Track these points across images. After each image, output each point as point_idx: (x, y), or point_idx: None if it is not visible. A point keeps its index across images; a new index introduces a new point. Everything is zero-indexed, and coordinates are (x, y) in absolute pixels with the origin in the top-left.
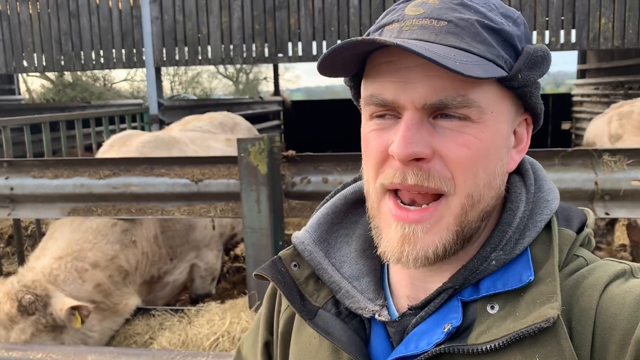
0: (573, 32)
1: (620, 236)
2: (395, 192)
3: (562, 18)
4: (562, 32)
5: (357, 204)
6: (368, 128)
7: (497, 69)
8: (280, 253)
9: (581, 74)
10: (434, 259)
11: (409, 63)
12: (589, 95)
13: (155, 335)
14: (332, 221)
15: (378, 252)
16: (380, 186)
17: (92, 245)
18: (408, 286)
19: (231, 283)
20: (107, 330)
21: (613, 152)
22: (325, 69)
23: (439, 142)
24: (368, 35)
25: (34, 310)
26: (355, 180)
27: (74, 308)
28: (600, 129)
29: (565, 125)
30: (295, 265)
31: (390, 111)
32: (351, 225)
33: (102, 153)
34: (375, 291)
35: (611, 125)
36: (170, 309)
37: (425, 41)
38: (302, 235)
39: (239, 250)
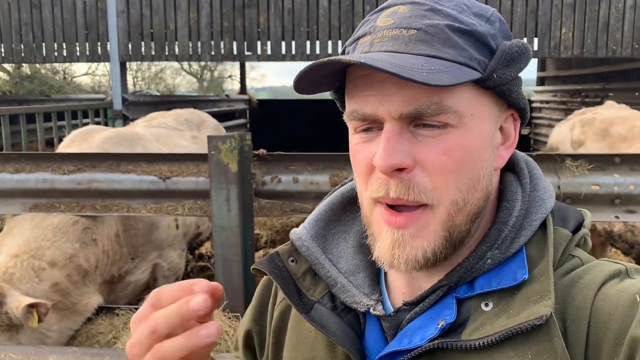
0: (535, 40)
1: None
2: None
3: (525, 27)
4: (524, 40)
5: (354, 201)
6: (354, 141)
7: (470, 72)
8: (278, 248)
9: (540, 81)
10: (424, 263)
11: (382, 75)
12: (547, 102)
13: (119, 334)
14: (329, 218)
15: (373, 258)
16: (369, 197)
17: (51, 243)
18: (405, 284)
19: None
20: (66, 329)
21: (575, 157)
22: (304, 89)
23: (419, 151)
24: (345, 48)
25: None
26: (351, 179)
27: (31, 306)
28: (563, 134)
29: (524, 131)
30: (292, 261)
31: (372, 124)
32: (348, 222)
33: (62, 148)
34: (371, 286)
35: (574, 131)
36: (135, 308)
37: (395, 52)
38: (299, 231)
39: (203, 249)
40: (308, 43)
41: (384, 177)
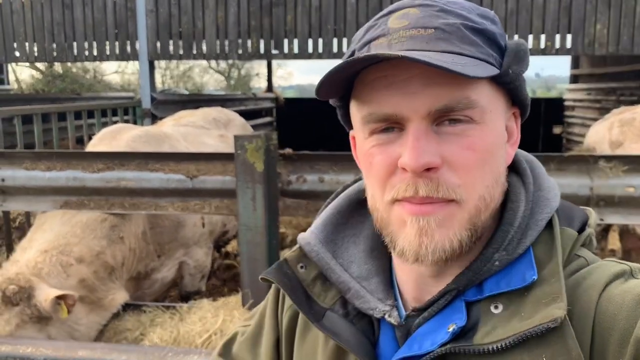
0: (569, 37)
1: (611, 241)
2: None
3: (558, 23)
4: (557, 36)
5: (361, 203)
6: (368, 145)
7: (492, 68)
8: (286, 255)
9: (574, 78)
10: (450, 253)
11: (405, 74)
12: (581, 101)
13: (146, 331)
14: (337, 222)
15: (395, 255)
16: (391, 199)
17: (79, 239)
18: (414, 288)
19: (221, 280)
20: (94, 324)
21: (609, 158)
22: (324, 92)
23: (445, 149)
24: (353, 53)
25: (18, 301)
26: (355, 181)
27: (59, 298)
28: (601, 134)
29: (557, 130)
30: (302, 267)
31: (393, 124)
32: (357, 225)
33: (91, 146)
34: (385, 291)
35: (612, 131)
36: (162, 306)
37: (418, 50)
38: (308, 236)
39: (230, 247)
40: (335, 41)
41: (411, 177)
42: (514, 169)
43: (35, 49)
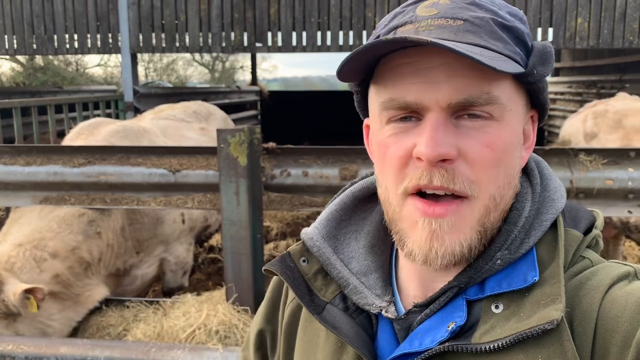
0: (550, 30)
1: None
2: (417, 194)
3: (540, 16)
4: (539, 30)
5: (365, 200)
6: (385, 134)
7: (517, 65)
8: (290, 249)
9: (555, 72)
10: (460, 258)
11: (430, 63)
12: (562, 93)
13: (129, 326)
14: (340, 217)
15: (402, 254)
16: (403, 190)
17: (55, 234)
18: (417, 285)
19: (206, 274)
20: (67, 320)
21: (589, 151)
22: (345, 74)
23: (463, 143)
24: (377, 38)
25: None
26: (362, 178)
27: (27, 292)
28: (576, 127)
29: None
30: (304, 261)
31: (412, 113)
32: (360, 222)
33: (69, 141)
34: (383, 287)
35: (586, 124)
36: (145, 301)
37: (445, 40)
38: (311, 231)
39: (214, 241)
40: (319, 34)
41: (426, 166)
42: (523, 169)
43: (15, 41)
